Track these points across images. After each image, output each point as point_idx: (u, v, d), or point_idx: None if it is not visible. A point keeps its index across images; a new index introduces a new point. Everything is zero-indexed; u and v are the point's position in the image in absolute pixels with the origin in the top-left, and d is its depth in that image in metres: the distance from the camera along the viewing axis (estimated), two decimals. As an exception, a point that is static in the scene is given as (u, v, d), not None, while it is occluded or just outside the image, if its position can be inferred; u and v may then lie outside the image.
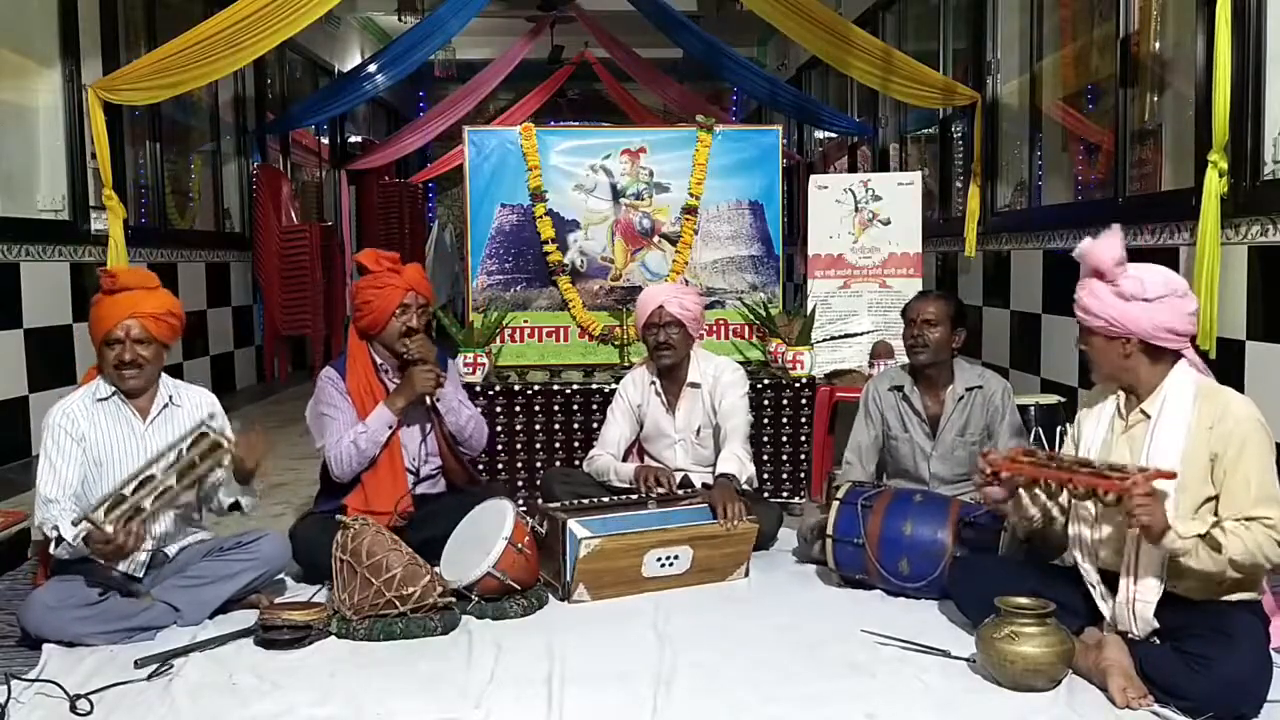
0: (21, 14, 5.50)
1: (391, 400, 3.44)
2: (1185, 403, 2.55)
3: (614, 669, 2.65)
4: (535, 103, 10.97)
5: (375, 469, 3.45)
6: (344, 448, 3.39)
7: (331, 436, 3.42)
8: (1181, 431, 2.52)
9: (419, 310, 3.48)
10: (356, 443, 3.39)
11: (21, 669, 2.65)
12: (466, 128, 4.93)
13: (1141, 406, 2.61)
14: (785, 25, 6.22)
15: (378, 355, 3.54)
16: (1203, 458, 2.48)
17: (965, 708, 2.44)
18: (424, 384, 3.43)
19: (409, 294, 3.47)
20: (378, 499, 3.40)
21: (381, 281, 3.47)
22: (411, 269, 3.57)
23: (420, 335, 3.48)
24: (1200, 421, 2.51)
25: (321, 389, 3.51)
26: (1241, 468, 2.44)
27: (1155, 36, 4.82)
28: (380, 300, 3.46)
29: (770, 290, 4.84)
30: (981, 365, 3.73)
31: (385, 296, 3.45)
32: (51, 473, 2.94)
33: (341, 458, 3.39)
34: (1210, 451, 2.48)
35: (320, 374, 3.57)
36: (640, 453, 3.95)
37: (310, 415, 3.56)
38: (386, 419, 3.42)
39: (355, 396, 3.46)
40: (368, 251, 3.58)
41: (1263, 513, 2.40)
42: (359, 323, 3.54)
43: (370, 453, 3.41)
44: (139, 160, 6.83)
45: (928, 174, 7.18)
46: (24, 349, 5.23)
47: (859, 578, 3.26)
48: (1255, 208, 3.71)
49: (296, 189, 9.55)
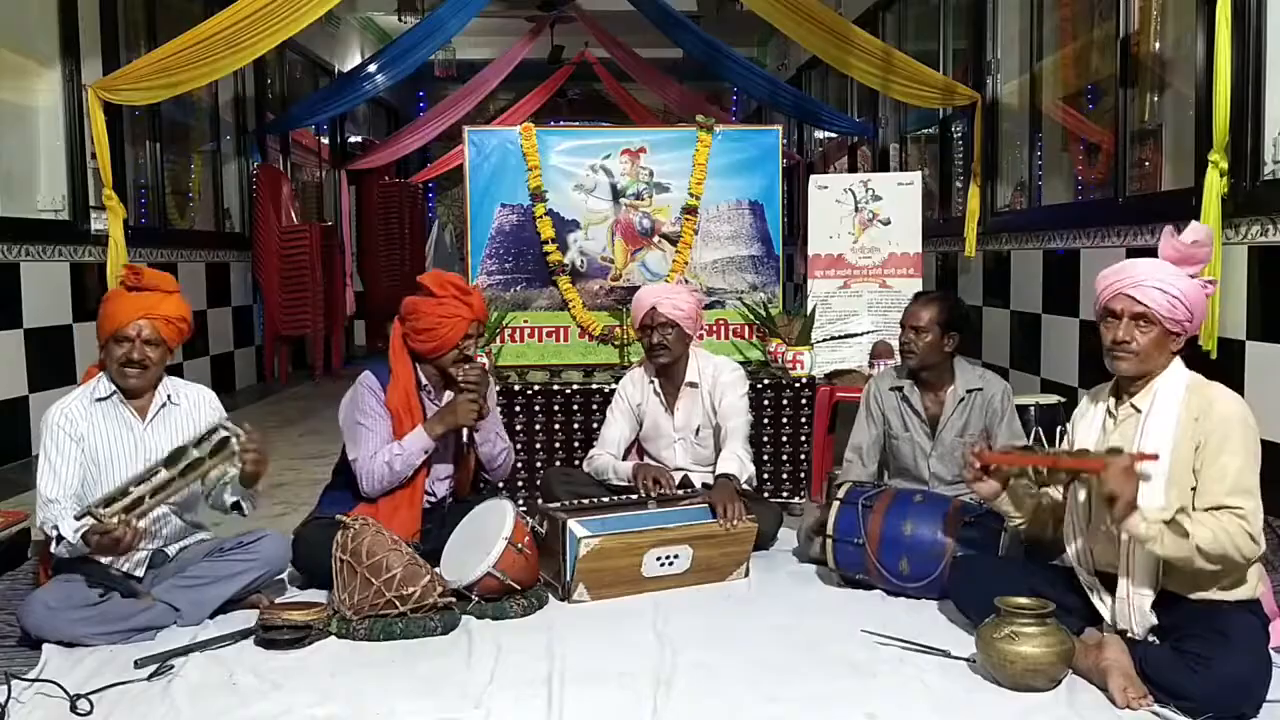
0: (21, 14, 5.51)
1: (430, 426, 3.34)
2: (1176, 396, 2.55)
3: (614, 669, 2.64)
4: (535, 103, 10.98)
5: (394, 494, 3.38)
6: (377, 465, 3.31)
7: (365, 450, 3.33)
8: (1171, 425, 2.52)
9: (477, 339, 3.43)
10: (391, 464, 3.31)
11: (21, 669, 2.64)
12: (466, 128, 4.93)
13: (1132, 401, 2.61)
14: (785, 25, 6.23)
15: (422, 374, 3.45)
16: (1189, 450, 2.49)
17: (965, 708, 2.44)
18: (466, 417, 3.34)
19: (474, 324, 3.38)
20: (390, 522, 3.26)
21: (449, 310, 3.32)
22: (478, 295, 3.46)
23: (478, 364, 3.40)
24: (1188, 414, 2.51)
25: (362, 397, 3.38)
26: (1220, 459, 2.44)
27: (1155, 36, 4.83)
28: (446, 329, 3.32)
29: (770, 290, 4.84)
30: (981, 365, 3.73)
31: (453, 327, 3.32)
32: (51, 473, 2.93)
33: (374, 474, 3.32)
34: (1194, 443, 2.48)
35: (360, 379, 3.44)
36: (640, 452, 3.95)
37: (345, 419, 3.44)
38: (424, 444, 3.33)
39: (393, 410, 3.37)
40: (435, 274, 3.42)
41: (1235, 502, 2.40)
42: (416, 345, 3.37)
43: (404, 475, 3.33)
44: (139, 160, 6.83)
45: (928, 174, 7.18)
46: (24, 349, 5.23)
47: (859, 577, 3.26)
48: (1255, 208, 3.72)
49: (296, 189, 9.56)
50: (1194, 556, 2.36)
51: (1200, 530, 2.35)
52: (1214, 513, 2.40)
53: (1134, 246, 4.54)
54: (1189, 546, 2.35)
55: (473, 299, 3.40)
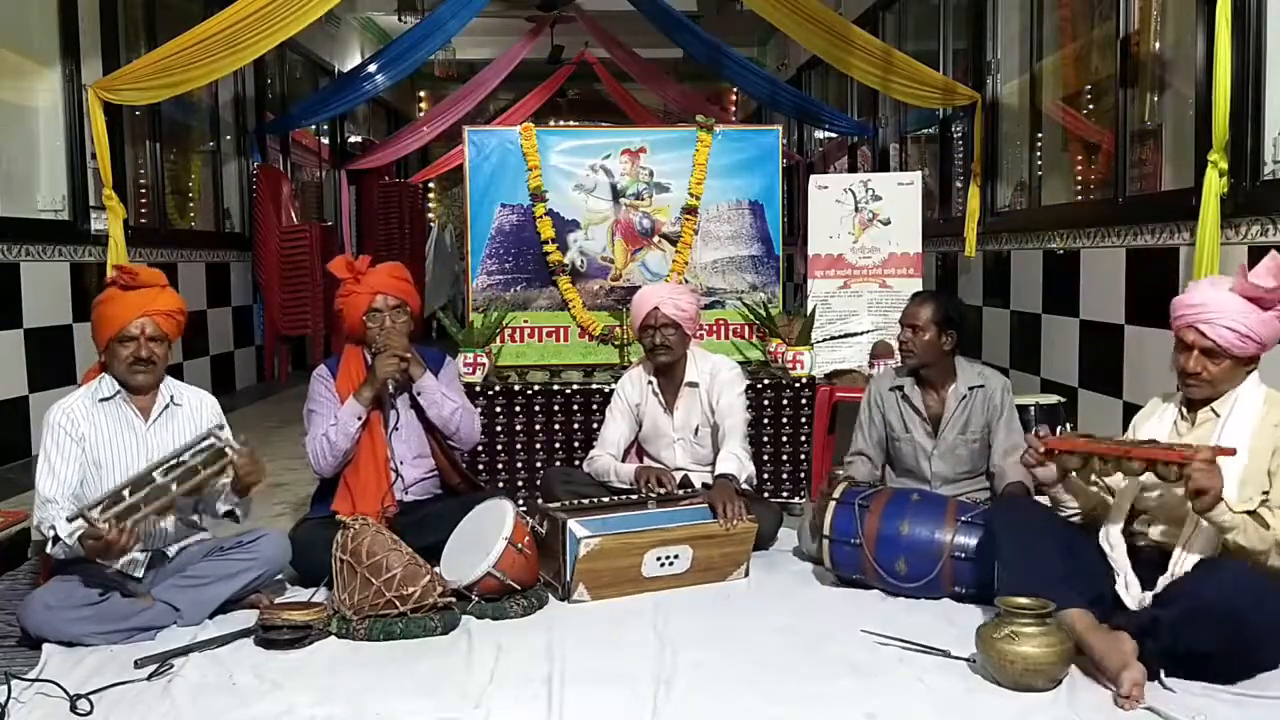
0: (21, 14, 5.51)
1: (359, 391, 3.44)
2: (1256, 403, 2.63)
3: (614, 669, 2.65)
4: (535, 103, 10.97)
5: (357, 469, 3.45)
6: (317, 441, 3.43)
7: (312, 432, 3.47)
8: (1249, 427, 2.59)
9: (392, 311, 3.49)
10: (327, 435, 3.41)
11: (21, 669, 2.65)
12: (466, 128, 4.93)
13: (1212, 406, 2.68)
14: (785, 25, 6.23)
15: (369, 357, 3.54)
16: (1266, 454, 2.55)
17: (965, 708, 2.44)
18: (384, 369, 3.41)
19: (376, 297, 3.48)
20: (363, 500, 3.40)
21: (347, 289, 3.52)
22: (379, 271, 3.57)
23: (390, 326, 3.48)
24: (1267, 419, 2.59)
25: (311, 386, 3.56)
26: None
27: (1155, 36, 4.82)
28: (349, 308, 3.52)
29: (770, 290, 4.84)
30: (982, 364, 3.73)
31: (352, 304, 3.50)
32: (50, 473, 2.94)
33: (316, 451, 3.44)
34: (1272, 448, 2.55)
35: (314, 371, 3.62)
36: (639, 453, 3.94)
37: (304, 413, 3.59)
38: (354, 410, 3.42)
39: (344, 395, 3.48)
40: (337, 260, 3.60)
41: None
42: (344, 328, 3.60)
43: (342, 445, 3.40)
44: (139, 160, 6.83)
45: (928, 174, 7.18)
46: (24, 349, 5.23)
47: (856, 578, 3.26)
48: (1255, 208, 3.71)
49: (296, 189, 9.56)
50: (1271, 550, 2.43)
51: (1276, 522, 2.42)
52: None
53: (1134, 246, 4.54)
54: (1270, 538, 2.43)
55: (367, 275, 3.53)
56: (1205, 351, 2.63)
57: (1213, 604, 2.37)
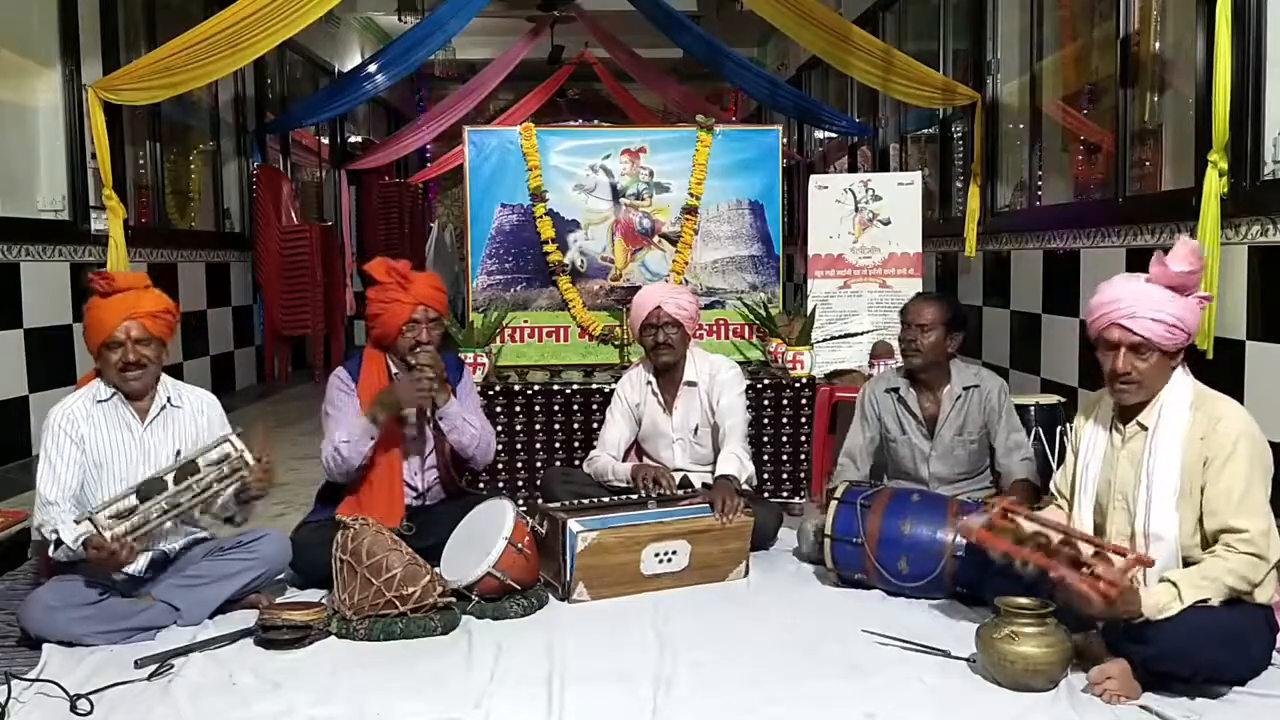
0: (21, 14, 5.50)
1: (374, 410, 3.33)
2: (1181, 412, 2.54)
3: (614, 669, 2.65)
4: (535, 103, 10.97)
5: (371, 484, 3.40)
6: (329, 452, 3.36)
7: (327, 437, 3.41)
8: (1178, 443, 2.52)
9: (429, 324, 3.42)
10: (339, 449, 3.33)
11: (21, 669, 2.65)
12: (466, 128, 4.93)
13: (1138, 419, 2.60)
14: (785, 25, 6.22)
15: (393, 363, 3.50)
16: (1197, 466, 2.50)
17: (965, 708, 2.44)
18: (408, 395, 3.35)
19: (418, 309, 3.39)
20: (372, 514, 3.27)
21: (389, 296, 3.40)
22: (422, 280, 3.47)
23: (428, 349, 3.40)
24: (1194, 432, 2.51)
25: (330, 387, 3.48)
26: (1225, 476, 2.45)
27: (1155, 36, 4.82)
28: (388, 315, 3.40)
29: (770, 290, 4.84)
30: (980, 365, 3.73)
31: (392, 312, 3.39)
32: (51, 475, 2.93)
33: (328, 459, 3.37)
34: (1202, 459, 2.49)
35: (332, 373, 3.54)
36: (639, 453, 3.94)
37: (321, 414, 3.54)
38: (369, 430, 3.33)
39: (365, 399, 3.40)
40: (378, 261, 3.48)
41: (1242, 524, 2.41)
42: (372, 332, 3.49)
43: (354, 461, 3.33)
44: (139, 160, 6.83)
45: (928, 174, 7.18)
46: (24, 349, 5.23)
47: (858, 577, 3.26)
48: (1255, 208, 3.71)
49: (296, 189, 9.55)
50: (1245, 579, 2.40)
51: (1210, 587, 2.37)
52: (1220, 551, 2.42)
53: (1134, 246, 4.54)
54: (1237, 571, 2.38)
55: (413, 284, 3.43)
56: (1133, 348, 2.51)
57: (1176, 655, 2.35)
